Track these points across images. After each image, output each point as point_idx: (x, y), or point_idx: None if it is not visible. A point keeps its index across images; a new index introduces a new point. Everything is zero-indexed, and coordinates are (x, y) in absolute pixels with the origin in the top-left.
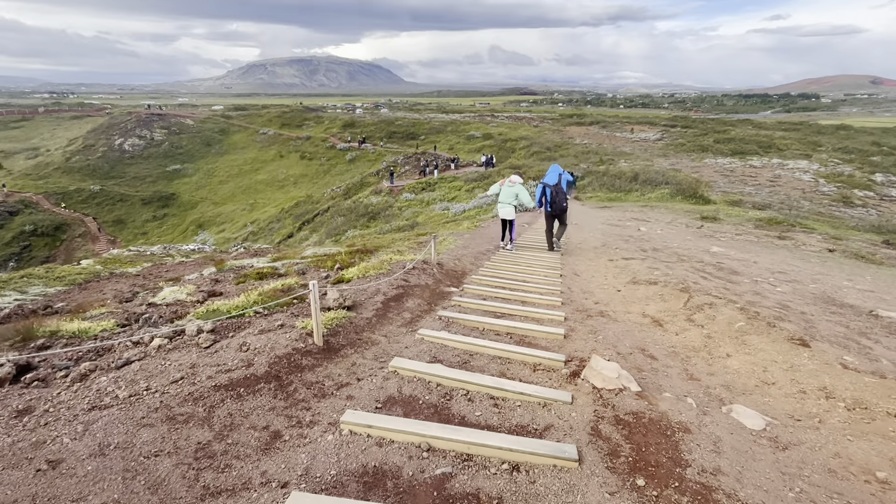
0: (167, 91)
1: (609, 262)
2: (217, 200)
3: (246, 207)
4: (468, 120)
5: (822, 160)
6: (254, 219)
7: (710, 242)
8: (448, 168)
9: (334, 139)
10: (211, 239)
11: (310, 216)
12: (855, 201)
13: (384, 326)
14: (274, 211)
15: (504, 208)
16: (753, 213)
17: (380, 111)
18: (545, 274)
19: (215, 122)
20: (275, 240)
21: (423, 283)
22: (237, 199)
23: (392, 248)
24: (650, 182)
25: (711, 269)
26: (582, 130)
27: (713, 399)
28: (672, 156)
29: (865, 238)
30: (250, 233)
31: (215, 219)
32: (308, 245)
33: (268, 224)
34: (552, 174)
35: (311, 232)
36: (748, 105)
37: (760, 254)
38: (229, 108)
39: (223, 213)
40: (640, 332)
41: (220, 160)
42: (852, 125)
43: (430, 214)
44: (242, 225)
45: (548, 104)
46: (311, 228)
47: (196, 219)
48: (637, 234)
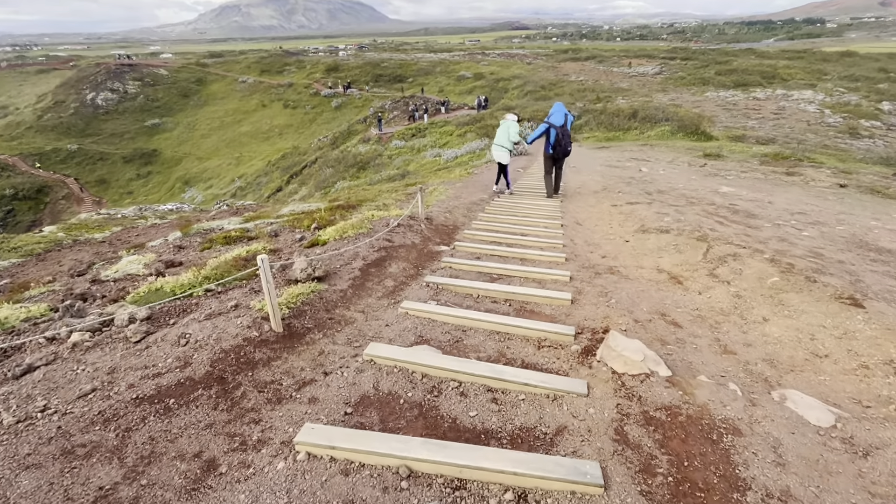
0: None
1: (613, 208)
2: (201, 155)
3: (232, 162)
4: (458, 59)
5: (828, 90)
6: (241, 173)
7: (717, 182)
8: (438, 112)
9: (318, 85)
10: (199, 196)
11: (298, 168)
12: (861, 132)
13: (362, 299)
14: (261, 164)
15: (497, 151)
16: (758, 149)
17: (364, 53)
18: (545, 225)
19: (191, 72)
20: (263, 194)
21: (408, 243)
22: (222, 154)
23: (377, 201)
24: (650, 119)
25: (725, 212)
26: (577, 66)
27: (758, 380)
28: (672, 90)
29: (875, 171)
30: (238, 188)
31: (201, 174)
32: (296, 199)
33: (255, 178)
34: (557, 114)
35: (300, 185)
36: (751, 33)
37: (773, 193)
38: (204, 55)
39: (209, 168)
40: (658, 291)
41: (200, 112)
42: (858, 51)
43: (421, 162)
44: (230, 180)
45: (541, 39)
46: (299, 181)
47: (182, 175)
48: (639, 176)
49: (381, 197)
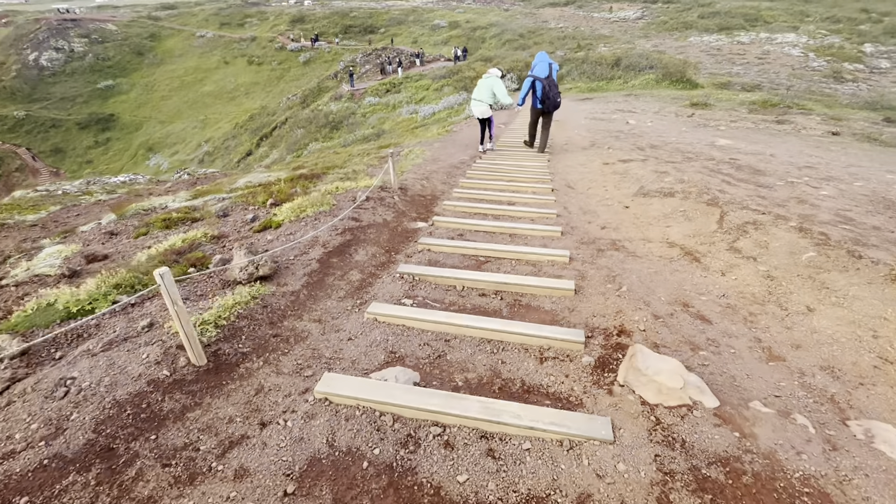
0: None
1: (605, 167)
2: (163, 119)
3: (197, 125)
4: (431, 7)
5: (810, 32)
6: (208, 137)
7: (710, 134)
8: (413, 65)
9: (283, 39)
10: (165, 163)
11: (267, 130)
12: (846, 76)
13: (319, 302)
14: (228, 127)
15: (477, 106)
16: (744, 96)
17: (332, 2)
18: (534, 190)
19: (142, 26)
20: (233, 159)
21: (379, 221)
22: (185, 116)
23: (346, 168)
24: (633, 67)
25: (729, 168)
26: (557, 12)
27: (824, 402)
28: (654, 36)
29: (864, 116)
30: (206, 153)
31: (165, 139)
32: (261, 168)
33: (223, 142)
34: (542, 65)
35: (271, 148)
36: None
37: (771, 144)
38: (156, 7)
39: (173, 132)
40: (673, 273)
41: (158, 72)
42: None
43: (397, 120)
44: (197, 145)
45: None
46: (269, 144)
47: (144, 141)
48: (627, 129)
49: (351, 162)
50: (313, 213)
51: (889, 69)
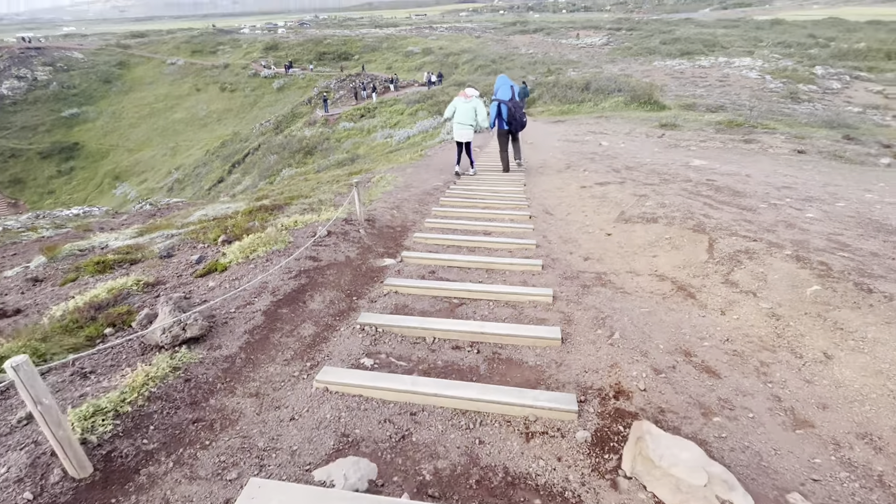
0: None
1: (582, 190)
2: (131, 147)
3: (167, 152)
4: (405, 35)
5: (765, 56)
6: (178, 164)
7: (683, 154)
8: (387, 90)
9: (257, 66)
10: (133, 192)
11: (240, 157)
12: (801, 97)
13: (259, 369)
14: (200, 154)
15: (462, 130)
16: (710, 117)
17: (306, 30)
18: (511, 218)
19: (111, 54)
20: (204, 186)
21: (341, 259)
22: (155, 144)
23: (312, 197)
24: (602, 90)
25: (707, 190)
26: (526, 39)
27: (872, 488)
28: (620, 60)
29: (825, 135)
30: (176, 181)
31: (133, 168)
32: (224, 199)
33: (194, 169)
34: (504, 88)
35: (243, 174)
36: (687, 3)
37: (744, 164)
38: (125, 35)
39: (142, 160)
40: (668, 313)
41: (126, 99)
42: (786, 19)
43: (371, 144)
44: (167, 172)
45: (489, 12)
46: (242, 170)
47: (111, 170)
48: (601, 151)
49: (319, 191)
50: (265, 252)
51: (840, 89)
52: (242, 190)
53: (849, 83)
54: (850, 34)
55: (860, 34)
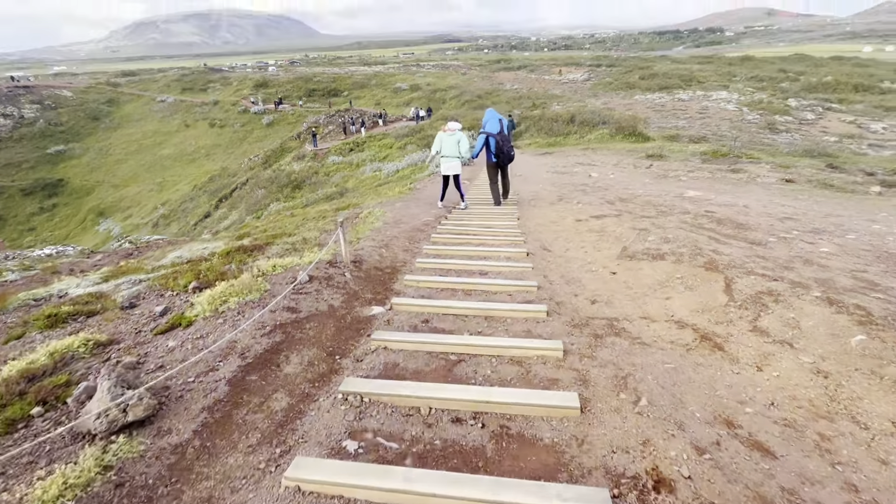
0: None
1: (578, 224)
2: (117, 182)
3: (154, 187)
4: (393, 71)
5: (739, 89)
6: (164, 199)
7: (675, 185)
8: (376, 125)
9: (246, 102)
10: (117, 228)
11: (227, 191)
12: (780, 127)
13: (215, 462)
14: (187, 189)
15: (449, 162)
16: (694, 147)
17: (296, 68)
18: (508, 256)
19: (100, 92)
20: (190, 222)
21: (323, 309)
22: (141, 179)
23: (297, 234)
24: (587, 123)
25: (708, 222)
26: (511, 76)
27: None
28: (602, 95)
29: (808, 163)
30: (161, 216)
31: (118, 203)
32: (217, 230)
33: (181, 204)
34: (492, 122)
35: (230, 209)
36: (662, 42)
37: (737, 194)
38: (116, 74)
39: (127, 196)
40: (697, 369)
41: (114, 136)
42: (755, 56)
43: (360, 178)
44: (153, 208)
45: (473, 51)
46: (229, 205)
47: (95, 206)
48: (591, 182)
49: (305, 227)
50: (237, 303)
51: (815, 120)
52: (229, 225)
53: (822, 114)
54: (818, 69)
55: (826, 69)
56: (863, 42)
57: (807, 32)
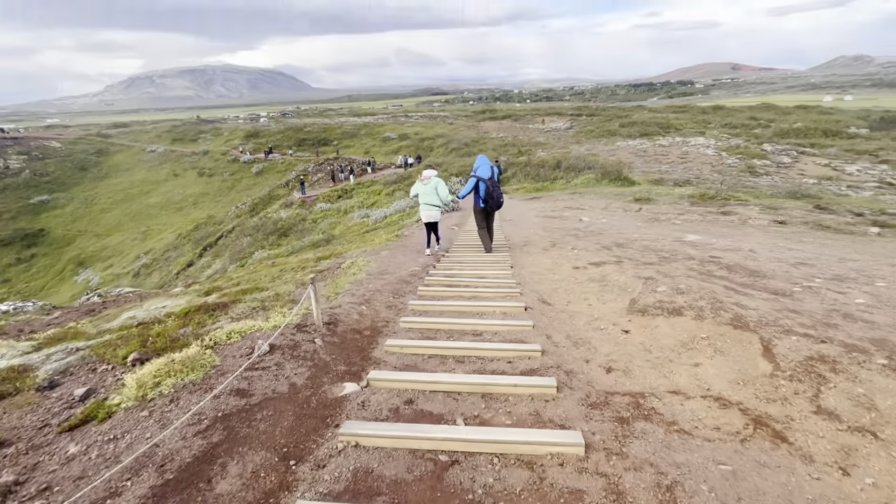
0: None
1: (576, 272)
2: (100, 232)
3: (138, 236)
4: (382, 122)
5: (715, 135)
6: (148, 248)
7: (669, 228)
8: (365, 172)
9: (236, 151)
10: (96, 278)
11: (212, 240)
12: (759, 170)
13: None
14: (172, 237)
15: (427, 210)
16: (680, 190)
17: (287, 119)
18: (504, 311)
19: (90, 143)
20: (172, 270)
21: (282, 391)
22: (126, 228)
23: (270, 289)
24: (573, 168)
25: (718, 269)
26: (496, 125)
27: None
28: (585, 142)
29: (795, 205)
30: (143, 265)
31: (100, 253)
32: (191, 283)
33: (163, 253)
34: (484, 167)
35: (214, 257)
36: (637, 93)
37: (737, 237)
38: (108, 125)
39: (109, 245)
40: (762, 472)
41: (101, 185)
42: (725, 105)
43: (348, 224)
44: (135, 257)
45: (459, 103)
46: (213, 253)
47: (75, 256)
48: (582, 226)
49: (280, 280)
50: (173, 387)
51: (791, 163)
52: (211, 274)
53: (797, 158)
54: (786, 116)
55: (794, 116)
56: (823, 92)
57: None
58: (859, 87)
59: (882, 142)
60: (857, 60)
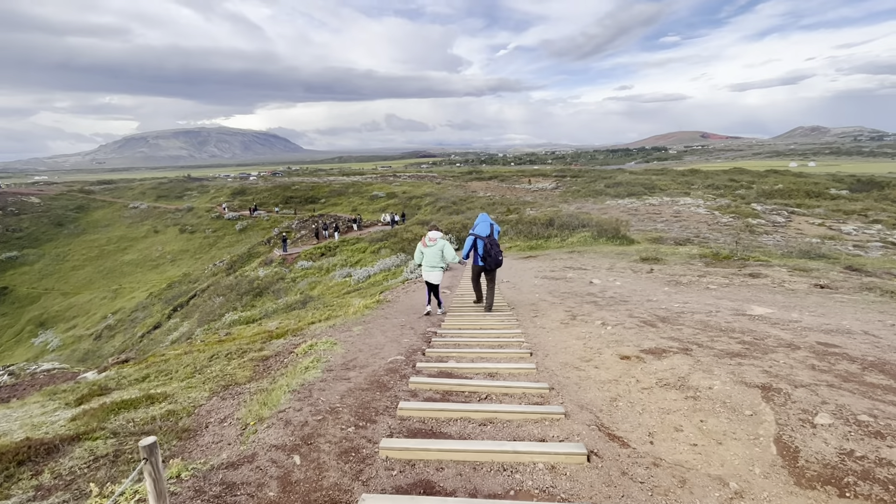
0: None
1: (629, 365)
2: (68, 290)
3: (108, 295)
4: (370, 181)
5: (701, 195)
6: (117, 308)
7: (709, 296)
8: (350, 229)
9: (221, 209)
10: (56, 340)
11: (184, 299)
12: (758, 229)
13: None
14: (143, 296)
15: (431, 272)
16: (685, 250)
17: (277, 178)
18: (547, 458)
19: (70, 199)
20: (137, 333)
21: None
22: (96, 286)
23: (181, 394)
24: (567, 226)
25: (860, 370)
26: (483, 185)
27: None
28: (573, 201)
29: (823, 266)
30: (107, 327)
31: (64, 313)
32: (165, 344)
33: (131, 313)
34: (483, 224)
35: (183, 319)
36: (616, 158)
37: (815, 310)
38: (92, 182)
39: (77, 304)
40: None
41: (76, 241)
42: (701, 169)
43: (328, 284)
44: (101, 317)
45: (446, 165)
46: (183, 314)
47: (37, 315)
48: (597, 291)
49: (199, 378)
50: None
51: (786, 223)
52: (177, 338)
53: (790, 217)
54: (763, 179)
55: (772, 179)
56: (787, 159)
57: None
58: (820, 155)
59: (866, 202)
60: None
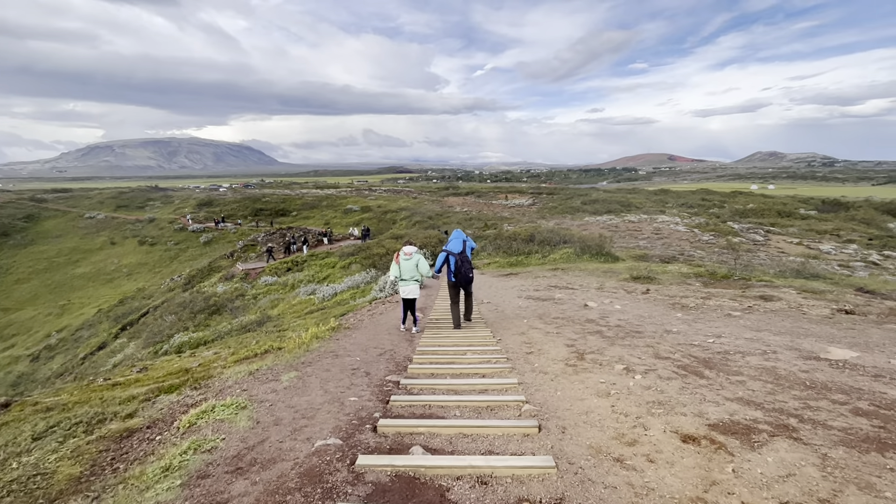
0: None
1: (697, 453)
2: (9, 305)
3: (54, 311)
4: (345, 194)
5: (677, 213)
6: (63, 325)
7: (737, 326)
8: (320, 243)
9: (185, 220)
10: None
11: (135, 317)
12: (740, 248)
13: None
14: (92, 312)
15: (408, 286)
16: (675, 268)
17: (249, 190)
18: None
19: (19, 207)
20: (79, 354)
21: None
22: (42, 301)
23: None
24: (548, 242)
25: None
26: (459, 200)
27: None
28: (550, 217)
29: (832, 288)
30: (46, 346)
31: (2, 331)
32: (109, 365)
33: (76, 332)
34: (456, 241)
35: (130, 339)
36: (588, 177)
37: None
38: (46, 190)
39: (17, 321)
40: None
41: (21, 253)
42: (670, 189)
43: (291, 302)
44: (45, 335)
45: (423, 180)
46: (131, 334)
47: None
48: (595, 316)
49: (7, 470)
50: None
51: (765, 241)
52: (120, 360)
53: (767, 236)
54: (731, 198)
55: (740, 198)
56: (748, 182)
57: (703, 173)
58: (778, 178)
59: (836, 223)
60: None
